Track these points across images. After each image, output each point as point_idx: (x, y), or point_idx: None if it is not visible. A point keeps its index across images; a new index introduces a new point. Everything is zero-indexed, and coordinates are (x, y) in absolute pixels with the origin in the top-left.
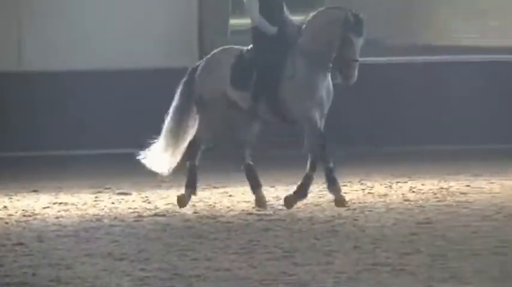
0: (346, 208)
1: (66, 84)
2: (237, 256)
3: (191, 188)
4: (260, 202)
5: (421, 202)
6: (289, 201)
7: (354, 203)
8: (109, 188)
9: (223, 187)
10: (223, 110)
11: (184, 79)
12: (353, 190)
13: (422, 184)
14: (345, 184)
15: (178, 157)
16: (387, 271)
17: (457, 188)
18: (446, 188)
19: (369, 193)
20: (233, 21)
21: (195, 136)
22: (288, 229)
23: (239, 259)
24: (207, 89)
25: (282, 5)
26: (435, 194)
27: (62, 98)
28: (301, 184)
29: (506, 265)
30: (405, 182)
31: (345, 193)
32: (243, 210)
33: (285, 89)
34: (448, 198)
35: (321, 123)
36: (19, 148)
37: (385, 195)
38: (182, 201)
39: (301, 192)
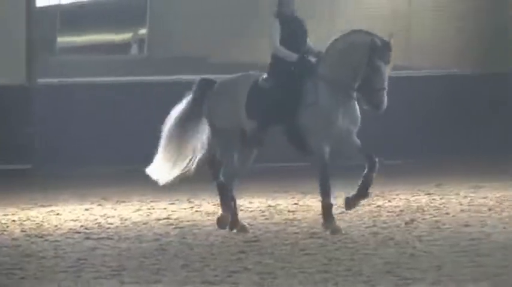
0: (174, 227)
1: None
2: (65, 275)
3: (227, 205)
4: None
5: (248, 220)
6: (351, 202)
7: (182, 221)
8: None
9: (50, 205)
10: (238, 137)
11: (194, 96)
12: (181, 208)
13: (250, 202)
14: (173, 202)
15: (180, 168)
16: None
17: (285, 206)
18: (274, 206)
19: (196, 211)
20: (61, 39)
21: (214, 156)
22: (116, 247)
23: (67, 277)
24: (223, 119)
25: (306, 33)
26: (263, 212)
27: None
28: (360, 186)
29: (333, 282)
30: None
31: (173, 211)
32: (70, 229)
33: (304, 116)
34: (276, 216)
35: (353, 142)
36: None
37: (213, 213)
38: (222, 221)
39: (363, 192)
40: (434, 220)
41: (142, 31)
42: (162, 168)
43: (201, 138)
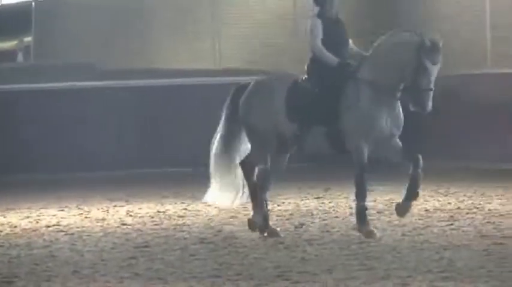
0: (64, 233)
1: None
2: None
3: (259, 207)
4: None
5: (138, 225)
6: (402, 208)
7: (72, 228)
8: None
9: None
10: (274, 139)
11: (227, 103)
12: (70, 215)
13: (140, 208)
14: (62, 209)
15: (236, 189)
16: None
17: (174, 211)
18: (163, 212)
19: (86, 217)
20: None
21: (248, 158)
22: (6, 254)
23: None
24: (258, 119)
25: (346, 36)
26: (152, 217)
27: None
28: (408, 186)
29: None
30: (122, 206)
31: (62, 218)
32: None
33: (345, 118)
34: (166, 221)
35: (395, 145)
36: None
37: (103, 219)
38: (254, 223)
39: (412, 194)
40: (324, 224)
41: (28, 39)
42: (223, 195)
43: (245, 149)
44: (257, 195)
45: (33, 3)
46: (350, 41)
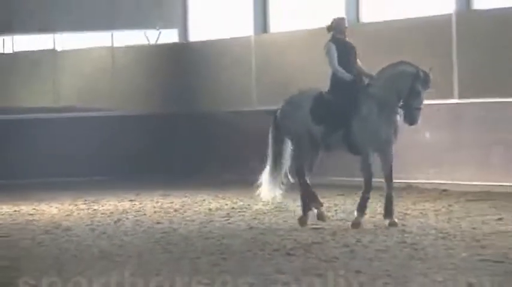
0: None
1: None
2: None
3: (314, 203)
4: (321, 216)
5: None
6: (356, 223)
7: None
8: None
9: None
10: (308, 141)
11: (271, 124)
12: None
13: (1, 208)
14: None
15: (279, 186)
16: None
17: (27, 211)
18: (18, 211)
19: None
20: None
21: (294, 162)
22: None
23: None
24: (294, 128)
25: (355, 56)
26: (11, 215)
27: None
28: (359, 203)
29: (57, 269)
30: None
31: None
32: None
33: (356, 125)
34: (20, 218)
35: (389, 153)
36: None
37: None
38: (321, 215)
39: (361, 209)
40: (136, 219)
41: None
42: (269, 194)
43: (288, 151)
44: (306, 189)
45: None
46: (358, 60)
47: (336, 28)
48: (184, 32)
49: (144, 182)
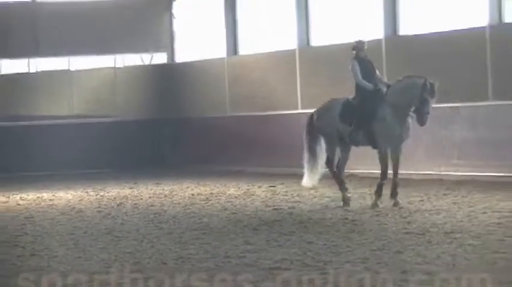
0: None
1: None
2: None
3: (344, 188)
4: (345, 199)
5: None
6: (374, 204)
7: None
8: None
9: None
10: (337, 138)
11: (307, 125)
12: None
13: None
14: None
15: (317, 175)
16: None
17: (47, 197)
18: (41, 197)
19: None
20: None
21: (327, 156)
22: None
23: None
24: (326, 127)
25: (374, 69)
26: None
27: None
28: (376, 189)
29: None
30: None
31: None
32: None
33: (376, 126)
34: (42, 203)
35: (399, 148)
36: None
37: None
38: (345, 200)
39: (378, 193)
40: (134, 203)
41: None
42: (310, 176)
43: (322, 146)
44: (338, 179)
45: None
46: (377, 71)
47: (358, 47)
48: (171, 55)
49: (141, 173)
